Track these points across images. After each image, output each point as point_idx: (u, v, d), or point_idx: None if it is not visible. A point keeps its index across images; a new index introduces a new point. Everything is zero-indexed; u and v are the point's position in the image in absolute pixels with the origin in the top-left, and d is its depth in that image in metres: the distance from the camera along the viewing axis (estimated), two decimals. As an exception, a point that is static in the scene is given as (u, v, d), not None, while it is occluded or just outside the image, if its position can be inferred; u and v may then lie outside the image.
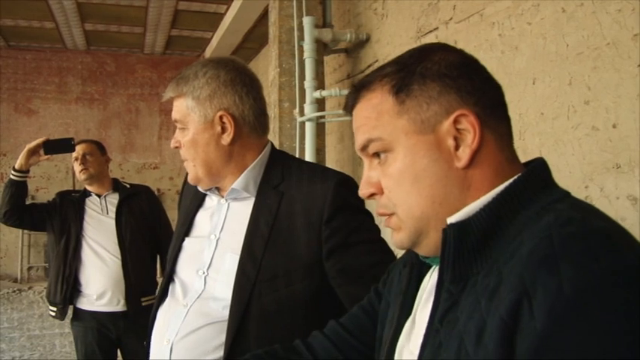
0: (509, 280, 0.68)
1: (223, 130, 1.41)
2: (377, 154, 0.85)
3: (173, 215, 8.07)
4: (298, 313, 1.35)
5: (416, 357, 0.81)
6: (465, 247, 0.77)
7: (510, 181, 0.78)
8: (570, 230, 0.66)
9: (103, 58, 9.57)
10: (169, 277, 1.51)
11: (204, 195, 1.56)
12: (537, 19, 2.30)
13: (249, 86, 1.46)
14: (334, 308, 1.35)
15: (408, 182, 0.81)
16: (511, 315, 0.65)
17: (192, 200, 1.58)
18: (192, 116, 1.41)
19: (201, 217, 1.54)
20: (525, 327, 0.63)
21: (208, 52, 9.04)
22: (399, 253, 1.19)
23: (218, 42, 8.17)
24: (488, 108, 0.81)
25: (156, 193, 9.53)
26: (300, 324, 1.33)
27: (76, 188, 9.30)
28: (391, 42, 3.70)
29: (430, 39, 3.14)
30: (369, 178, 0.87)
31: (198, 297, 1.41)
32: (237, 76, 1.45)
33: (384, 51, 3.80)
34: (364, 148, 0.86)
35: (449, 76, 0.81)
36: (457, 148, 0.80)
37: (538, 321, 0.62)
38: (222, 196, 1.50)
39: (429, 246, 0.83)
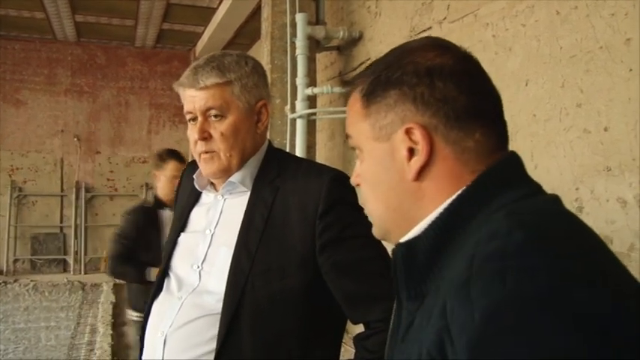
0: (437, 308, 0.67)
1: (259, 118, 1.46)
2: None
3: (161, 210, 7.83)
4: (291, 306, 1.36)
5: None
6: (414, 266, 0.77)
7: (457, 193, 0.76)
8: (488, 249, 0.64)
9: (94, 50, 9.50)
10: (164, 272, 1.52)
11: (201, 192, 1.56)
12: (531, 20, 2.30)
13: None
14: (327, 302, 1.38)
15: (370, 184, 0.84)
16: (438, 351, 0.64)
17: (189, 197, 1.59)
18: (236, 103, 1.41)
19: (197, 213, 1.55)
20: None
21: (199, 47, 9.00)
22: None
23: (209, 37, 8.14)
24: (452, 119, 0.77)
25: (144, 187, 9.52)
26: (293, 317, 1.36)
27: (64, 183, 9.28)
28: (384, 40, 3.69)
29: (423, 38, 3.14)
30: (356, 169, 0.89)
31: (192, 291, 1.42)
32: (265, 71, 1.52)
33: (377, 49, 3.79)
34: (347, 137, 0.89)
35: (408, 84, 0.78)
36: (411, 159, 0.78)
37: (460, 357, 0.61)
38: (217, 192, 1.51)
39: (396, 242, 0.84)
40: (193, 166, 1.59)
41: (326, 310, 1.41)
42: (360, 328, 1.43)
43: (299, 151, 3.82)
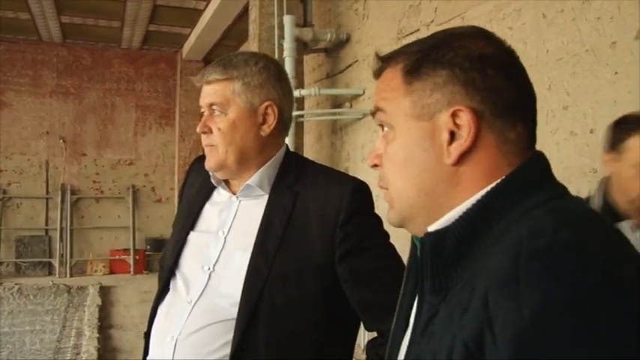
0: (476, 300, 0.66)
1: (265, 120, 1.44)
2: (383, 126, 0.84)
3: (148, 212, 7.97)
4: (307, 311, 1.36)
5: None
6: (442, 258, 0.75)
7: (491, 186, 0.75)
8: (536, 245, 0.63)
9: (79, 51, 9.42)
10: (171, 272, 1.49)
11: (212, 189, 1.54)
12: (518, 24, 2.31)
13: (289, 85, 1.51)
14: (342, 308, 1.38)
15: (398, 164, 0.81)
16: (476, 343, 0.63)
17: (199, 193, 1.56)
18: (236, 101, 1.42)
19: (209, 212, 1.53)
20: (491, 358, 0.61)
21: (186, 49, 8.97)
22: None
23: (196, 38, 8.12)
24: (498, 108, 0.76)
25: (130, 190, 9.47)
26: (308, 322, 1.36)
27: (49, 185, 9.20)
28: (372, 43, 3.70)
29: (411, 40, 3.15)
30: (376, 148, 0.85)
31: (202, 293, 1.40)
32: (283, 73, 1.51)
33: (365, 51, 3.80)
34: (374, 113, 0.85)
35: (460, 67, 0.76)
36: (451, 142, 0.76)
37: (501, 351, 0.60)
38: (233, 193, 1.49)
39: (416, 229, 0.82)
40: (201, 160, 1.56)
41: (341, 315, 1.41)
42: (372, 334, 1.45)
43: (287, 153, 3.81)
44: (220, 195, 1.53)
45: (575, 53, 2.04)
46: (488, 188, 0.75)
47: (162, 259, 1.66)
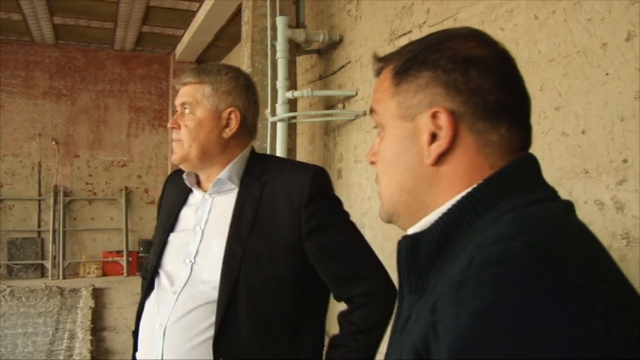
0: (430, 303, 0.67)
1: (228, 124, 1.62)
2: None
3: (141, 214, 7.97)
4: (282, 288, 1.53)
5: None
6: (417, 261, 0.76)
7: (468, 190, 0.76)
8: (489, 253, 0.64)
9: (72, 52, 9.40)
10: (154, 271, 1.64)
11: (188, 193, 1.71)
12: (510, 25, 2.32)
13: (256, 96, 1.71)
14: (314, 283, 1.57)
15: (386, 163, 0.84)
16: (424, 347, 0.64)
17: (176, 200, 1.73)
18: (204, 103, 1.61)
19: (186, 213, 1.69)
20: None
21: (179, 50, 8.95)
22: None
23: (189, 40, 8.11)
24: (480, 110, 0.76)
25: (123, 191, 9.44)
26: (284, 299, 1.53)
27: (41, 187, 9.17)
28: (364, 44, 3.71)
29: (403, 42, 3.15)
30: (373, 146, 0.88)
31: (185, 283, 1.55)
32: (251, 86, 1.70)
33: (357, 52, 3.81)
34: (370, 112, 0.88)
35: (443, 68, 0.77)
36: (432, 143, 0.78)
37: (442, 356, 0.60)
38: (206, 192, 1.66)
39: (405, 226, 0.84)
40: (177, 174, 1.77)
41: (312, 291, 1.58)
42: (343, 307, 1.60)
43: (279, 154, 3.81)
44: (194, 197, 1.70)
45: (567, 54, 2.04)
46: (465, 193, 0.75)
47: (143, 269, 1.85)
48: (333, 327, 1.68)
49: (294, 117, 3.97)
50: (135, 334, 1.65)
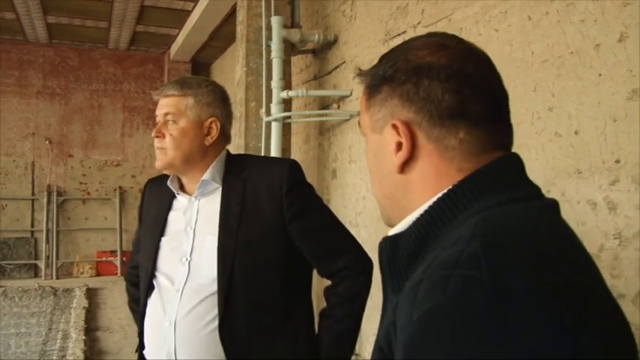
0: (396, 302, 0.69)
1: (209, 132, 1.76)
2: None
3: (135, 213, 7.93)
4: (273, 272, 1.69)
5: None
6: (397, 261, 0.79)
7: (442, 192, 0.77)
8: (447, 255, 0.65)
9: (66, 52, 9.37)
10: (151, 273, 1.76)
11: (171, 199, 1.83)
12: (504, 25, 2.33)
13: (230, 107, 1.88)
14: (299, 264, 1.74)
15: (370, 172, 0.90)
16: (387, 345, 0.67)
17: (160, 205, 1.85)
18: (187, 114, 1.74)
19: (174, 217, 1.81)
20: (396, 358, 0.64)
21: (174, 50, 8.94)
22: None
23: (184, 39, 8.09)
24: (435, 117, 0.77)
25: (117, 191, 9.42)
26: (275, 281, 1.69)
27: (35, 187, 9.14)
28: (359, 44, 3.71)
29: (398, 42, 3.16)
30: None
31: (186, 280, 1.68)
32: (227, 97, 1.86)
33: (352, 53, 3.81)
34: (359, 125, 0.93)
35: (397, 81, 0.80)
36: (397, 152, 0.81)
37: (399, 354, 0.63)
38: (191, 195, 1.79)
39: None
40: (154, 181, 1.95)
41: (298, 270, 1.75)
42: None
43: (274, 154, 3.81)
44: (179, 202, 1.82)
45: (560, 55, 2.05)
46: (440, 194, 0.77)
47: (128, 273, 2.08)
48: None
49: (289, 117, 3.97)
50: (140, 332, 1.79)
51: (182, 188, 1.83)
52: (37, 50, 9.20)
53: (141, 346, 1.78)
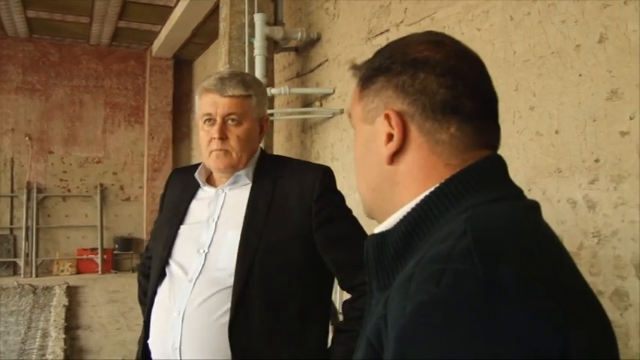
0: (386, 296, 0.69)
1: (262, 129, 1.76)
2: None
3: (117, 211, 7.87)
4: (293, 276, 1.64)
5: None
6: (384, 259, 0.79)
7: (430, 189, 0.78)
8: (438, 250, 0.67)
9: (47, 47, 9.26)
10: (165, 261, 1.72)
11: (196, 189, 1.79)
12: (487, 25, 2.35)
13: None
14: (320, 272, 1.69)
15: (356, 163, 0.90)
16: (377, 339, 0.67)
17: (182, 194, 1.81)
18: (251, 114, 1.70)
19: (196, 207, 1.78)
20: (386, 352, 0.65)
21: (156, 46, 8.88)
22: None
23: (166, 36, 8.05)
24: (428, 110, 0.79)
25: (98, 188, 9.34)
26: (295, 287, 1.64)
27: (14, 184, 9.03)
28: (342, 42, 3.72)
29: (380, 41, 3.17)
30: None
31: (200, 271, 1.64)
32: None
33: (335, 50, 3.81)
34: (349, 117, 0.94)
35: (393, 72, 0.81)
36: (388, 143, 0.81)
37: (390, 347, 0.63)
38: (216, 187, 1.76)
39: (379, 221, 0.86)
40: (180, 171, 1.92)
41: (319, 279, 1.70)
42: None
43: (257, 152, 3.81)
44: (205, 192, 1.78)
45: (541, 55, 2.07)
46: (427, 192, 0.78)
47: (141, 264, 2.00)
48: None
49: (272, 114, 3.96)
50: (146, 322, 1.74)
51: (208, 180, 1.80)
52: (17, 45, 9.08)
53: (145, 335, 1.74)
